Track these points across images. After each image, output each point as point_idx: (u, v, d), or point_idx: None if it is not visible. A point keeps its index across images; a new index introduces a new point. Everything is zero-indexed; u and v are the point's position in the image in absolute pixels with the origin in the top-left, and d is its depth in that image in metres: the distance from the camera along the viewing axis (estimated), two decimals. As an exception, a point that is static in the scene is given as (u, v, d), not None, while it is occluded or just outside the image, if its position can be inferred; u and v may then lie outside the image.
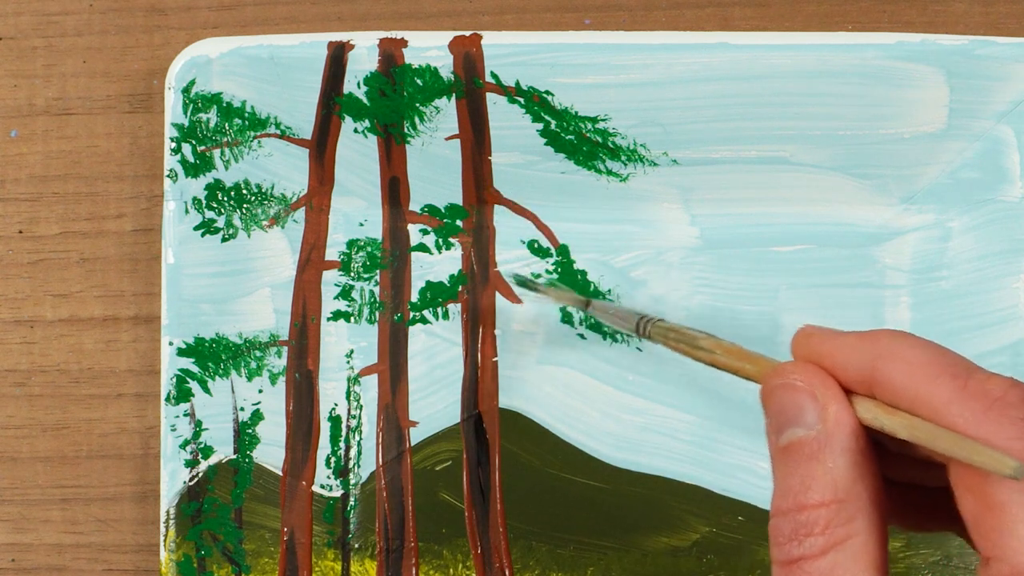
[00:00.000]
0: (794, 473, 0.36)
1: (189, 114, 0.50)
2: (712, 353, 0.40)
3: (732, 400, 0.52)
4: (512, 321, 0.52)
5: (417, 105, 0.51)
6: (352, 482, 0.52)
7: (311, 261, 0.52)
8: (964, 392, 0.34)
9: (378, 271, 0.52)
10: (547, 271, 0.52)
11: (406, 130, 0.51)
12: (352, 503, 0.52)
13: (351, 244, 0.52)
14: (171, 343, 0.51)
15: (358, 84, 0.51)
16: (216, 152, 0.51)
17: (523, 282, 0.51)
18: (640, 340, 0.49)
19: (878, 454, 0.37)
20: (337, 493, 0.52)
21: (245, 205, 0.51)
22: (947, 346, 0.51)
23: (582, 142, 0.51)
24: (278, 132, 0.51)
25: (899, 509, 0.39)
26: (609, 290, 0.52)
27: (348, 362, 0.52)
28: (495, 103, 0.51)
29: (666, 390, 0.52)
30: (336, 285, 0.52)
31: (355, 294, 0.52)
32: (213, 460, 0.51)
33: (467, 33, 0.50)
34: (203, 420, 0.51)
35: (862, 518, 0.35)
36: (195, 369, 0.51)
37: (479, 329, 0.52)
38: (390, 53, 0.50)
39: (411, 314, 0.52)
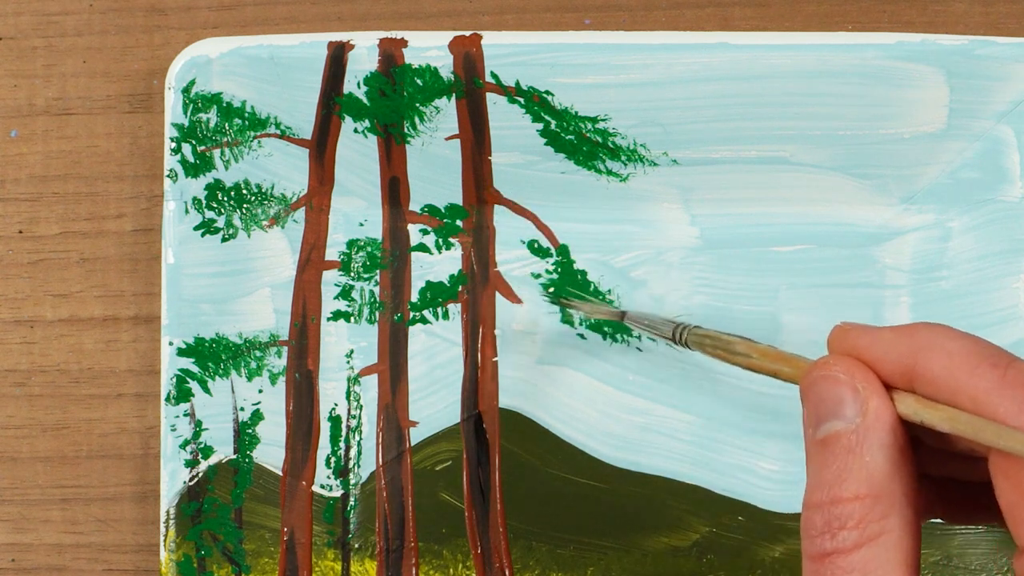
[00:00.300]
0: (830, 466, 0.35)
1: (189, 114, 0.50)
2: (748, 357, 0.40)
3: (732, 400, 0.52)
4: (512, 321, 0.52)
5: (417, 105, 0.51)
6: (352, 482, 0.52)
7: (311, 261, 0.52)
8: (1004, 381, 0.34)
9: (378, 271, 0.52)
10: (547, 271, 0.52)
11: (406, 130, 0.51)
12: (352, 503, 0.52)
13: (351, 244, 0.52)
14: (171, 343, 0.51)
15: (358, 84, 0.51)
16: (216, 152, 0.51)
17: (556, 300, 0.51)
18: (675, 346, 0.49)
19: (915, 450, 0.37)
20: (337, 493, 0.52)
21: (245, 205, 0.51)
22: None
23: (582, 142, 0.51)
24: (278, 132, 0.51)
25: (936, 503, 0.39)
26: (609, 290, 0.52)
27: (348, 362, 0.52)
28: (495, 103, 0.51)
29: (666, 390, 0.52)
30: (336, 285, 0.52)
31: (355, 294, 0.52)
32: (213, 460, 0.51)
33: (467, 33, 0.50)
34: (203, 420, 0.51)
35: (897, 514, 0.35)
36: (195, 369, 0.51)
37: (479, 329, 0.52)
38: (390, 53, 0.50)
39: (411, 314, 0.52)
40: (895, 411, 0.36)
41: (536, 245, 0.52)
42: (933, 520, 0.51)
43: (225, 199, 0.51)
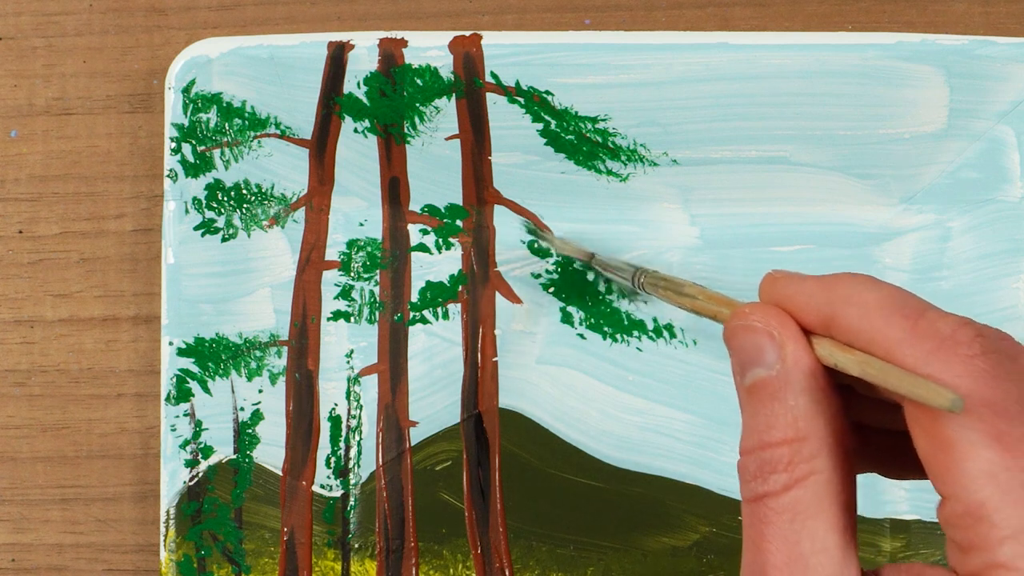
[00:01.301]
0: (758, 413, 0.36)
1: (189, 114, 0.50)
2: (695, 299, 0.41)
3: (732, 400, 0.52)
4: (512, 321, 0.53)
5: (417, 105, 0.51)
6: (352, 482, 0.52)
7: (311, 261, 0.52)
8: (915, 331, 0.34)
9: (378, 271, 0.52)
10: (547, 271, 0.52)
11: (406, 130, 0.51)
12: (352, 503, 0.52)
13: (351, 244, 0.52)
14: (171, 343, 0.51)
15: (358, 84, 0.51)
16: (216, 152, 0.51)
17: (532, 231, 0.51)
18: (638, 297, 0.50)
19: (851, 400, 0.38)
20: (337, 493, 0.52)
21: (245, 205, 0.51)
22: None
23: (582, 142, 0.51)
24: (278, 132, 0.51)
25: (876, 455, 0.40)
26: (609, 286, 0.52)
27: (348, 362, 0.52)
28: (495, 103, 0.51)
29: (666, 390, 0.52)
30: (336, 285, 0.52)
31: (355, 294, 0.52)
32: (213, 460, 0.51)
33: (467, 33, 0.50)
34: (203, 420, 0.51)
35: (825, 455, 0.36)
36: (195, 369, 0.51)
37: (479, 329, 0.52)
38: (390, 53, 0.50)
39: (411, 314, 0.52)
40: (814, 355, 0.36)
41: (536, 245, 0.52)
42: (928, 520, 0.51)
43: (225, 199, 0.51)
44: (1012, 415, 0.33)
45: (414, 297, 0.52)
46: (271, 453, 0.51)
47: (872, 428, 0.39)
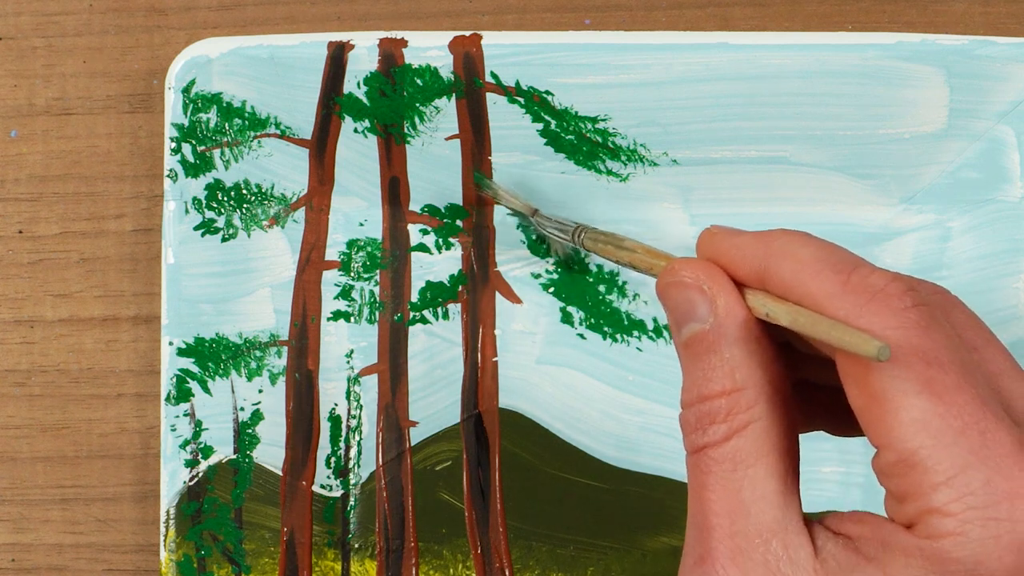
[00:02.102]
0: (696, 366, 0.37)
1: (189, 114, 0.50)
2: (633, 252, 0.42)
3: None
4: (512, 321, 0.53)
5: (417, 105, 0.51)
6: (352, 482, 0.52)
7: (311, 261, 0.52)
8: (847, 286, 0.35)
9: (378, 271, 0.52)
10: (547, 271, 0.52)
11: (406, 130, 0.51)
12: (352, 503, 0.52)
13: (351, 244, 0.52)
14: (171, 343, 0.51)
15: (358, 84, 0.51)
16: (216, 152, 0.51)
17: (479, 183, 0.51)
18: (582, 254, 0.51)
19: (794, 357, 0.38)
20: (337, 493, 0.52)
21: (245, 205, 0.51)
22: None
23: (582, 142, 0.51)
24: (278, 132, 0.51)
25: (820, 412, 0.40)
26: (614, 275, 0.52)
27: (348, 362, 0.52)
28: (495, 103, 0.51)
29: (666, 390, 0.52)
30: (336, 285, 0.52)
31: (355, 294, 0.52)
32: (213, 460, 0.51)
33: (467, 33, 0.50)
34: (203, 420, 0.51)
35: (763, 404, 0.36)
36: (195, 369, 0.51)
37: (479, 329, 0.52)
38: (390, 53, 0.50)
39: (411, 314, 0.52)
40: (746, 307, 0.37)
41: (536, 245, 0.52)
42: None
43: (225, 199, 0.51)
44: (943, 362, 0.34)
45: (414, 297, 0.52)
46: (271, 453, 0.51)
47: (815, 385, 0.40)
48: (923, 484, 0.33)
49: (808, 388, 0.40)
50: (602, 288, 0.52)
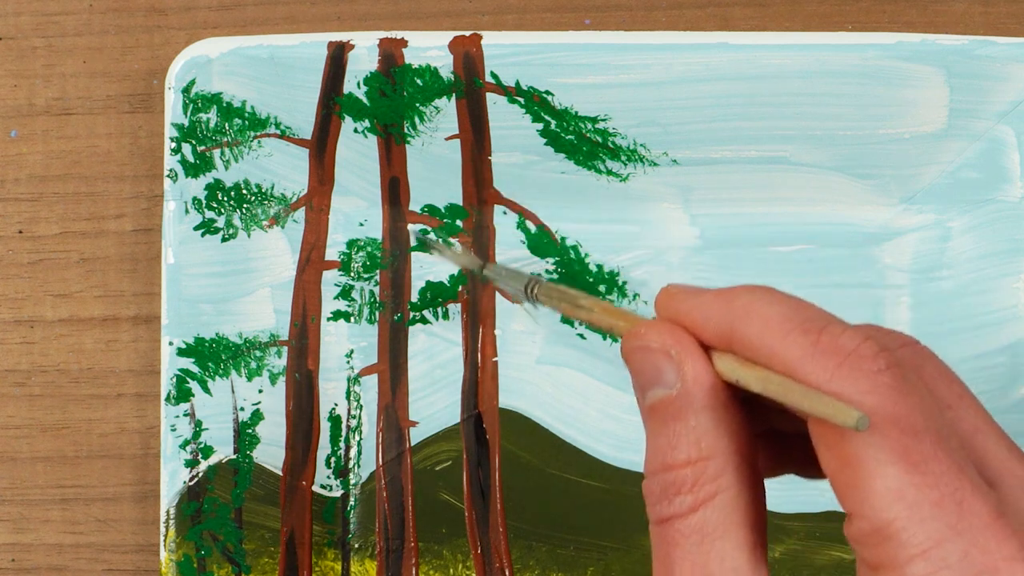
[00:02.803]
0: (660, 433, 0.35)
1: (189, 114, 0.50)
2: (590, 311, 0.40)
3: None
4: (512, 321, 0.53)
5: (417, 105, 0.51)
6: (352, 482, 0.52)
7: (311, 261, 0.52)
8: (816, 347, 0.33)
9: (378, 271, 0.52)
10: (547, 271, 0.52)
11: (406, 130, 0.51)
12: (352, 503, 0.52)
13: (351, 244, 0.52)
14: (171, 343, 0.51)
15: (358, 84, 0.51)
16: (216, 152, 0.51)
17: (422, 241, 0.51)
18: (533, 305, 0.49)
19: (761, 407, 0.37)
20: (337, 493, 0.52)
21: (245, 205, 0.51)
22: (946, 346, 0.51)
23: (582, 142, 0.51)
24: (278, 132, 0.51)
25: (791, 457, 0.39)
26: (616, 273, 0.52)
27: (348, 362, 0.52)
28: (495, 103, 0.51)
29: (666, 390, 0.52)
30: (336, 285, 0.52)
31: (355, 294, 0.52)
32: (213, 460, 0.51)
33: (467, 33, 0.50)
34: (203, 420, 0.51)
35: (730, 473, 0.35)
36: (195, 369, 0.51)
37: (479, 329, 0.52)
38: (390, 53, 0.50)
39: (411, 314, 0.52)
40: (714, 372, 0.35)
41: (536, 245, 0.52)
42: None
43: (225, 199, 0.51)
44: (918, 430, 0.33)
45: (414, 297, 0.52)
46: (271, 453, 0.51)
47: (783, 433, 0.38)
48: (898, 556, 0.32)
49: (776, 435, 0.39)
50: (602, 288, 0.52)
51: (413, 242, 0.52)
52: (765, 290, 0.35)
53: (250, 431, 0.51)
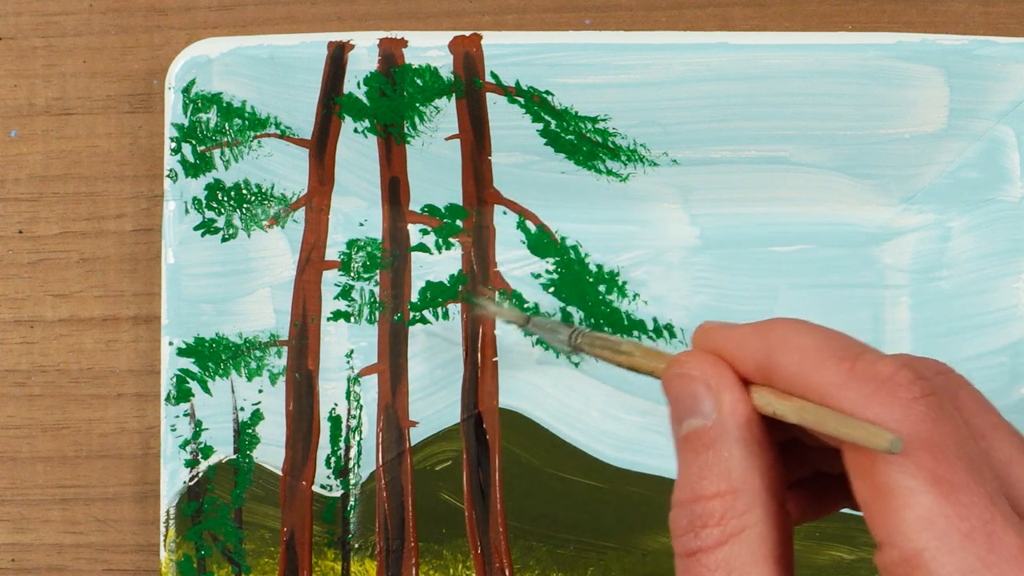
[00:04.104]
0: (692, 463, 0.35)
1: (189, 114, 0.50)
2: (631, 356, 0.40)
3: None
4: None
5: (417, 105, 0.51)
6: (352, 482, 0.52)
7: (311, 261, 0.52)
8: (852, 375, 0.34)
9: (378, 271, 0.52)
10: (547, 271, 0.52)
11: (406, 130, 0.51)
12: (352, 503, 0.52)
13: (351, 244, 0.52)
14: (171, 343, 0.51)
15: (358, 84, 0.51)
16: (216, 152, 0.51)
17: (468, 299, 0.51)
18: (576, 355, 0.50)
19: (804, 450, 0.37)
20: (337, 493, 0.52)
21: (245, 205, 0.51)
22: (946, 346, 0.51)
23: (582, 142, 0.51)
24: (278, 132, 0.51)
25: (841, 498, 0.39)
26: (616, 274, 0.52)
27: (348, 362, 0.52)
28: (495, 103, 0.51)
29: (666, 390, 0.52)
30: (336, 285, 0.52)
31: (355, 294, 0.52)
32: (213, 460, 0.51)
33: (467, 33, 0.50)
34: (203, 420, 0.51)
35: (759, 509, 0.35)
36: (195, 369, 0.51)
37: (479, 329, 0.52)
38: (390, 53, 0.50)
39: (411, 314, 0.52)
40: (751, 405, 0.36)
41: (536, 245, 0.52)
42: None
43: (225, 199, 0.51)
44: (951, 459, 0.33)
45: (414, 297, 0.52)
46: (271, 453, 0.51)
47: (829, 475, 0.38)
48: None
49: (823, 479, 0.39)
50: (602, 288, 0.52)
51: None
52: (800, 322, 0.36)
53: (250, 431, 0.51)
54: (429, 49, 0.50)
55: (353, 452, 0.52)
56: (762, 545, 0.35)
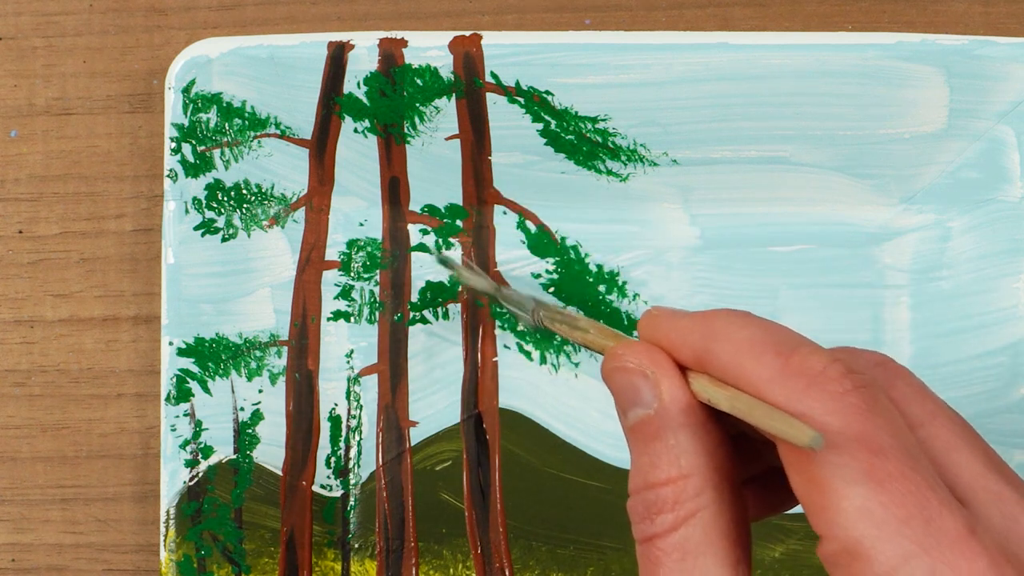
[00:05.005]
0: (642, 452, 0.36)
1: (189, 114, 0.50)
2: (586, 333, 0.41)
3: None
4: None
5: (417, 105, 0.51)
6: (352, 482, 0.52)
7: (311, 261, 0.52)
8: (786, 369, 0.34)
9: (378, 271, 0.52)
10: (547, 271, 0.52)
11: (406, 130, 0.51)
12: (352, 503, 0.52)
13: (351, 244, 0.52)
14: (171, 343, 0.51)
15: (358, 84, 0.51)
16: (216, 152, 0.51)
17: (443, 260, 0.51)
18: (538, 328, 0.50)
19: (750, 445, 0.38)
20: (337, 493, 0.52)
21: (245, 205, 0.51)
22: (946, 346, 0.51)
23: (582, 142, 0.51)
24: (278, 132, 0.51)
25: (785, 495, 0.39)
26: (616, 273, 0.52)
27: (348, 362, 0.52)
28: (495, 103, 0.51)
29: (666, 390, 0.52)
30: (336, 285, 0.52)
31: (355, 294, 0.52)
32: (213, 460, 0.51)
33: (467, 33, 0.50)
34: (203, 420, 0.51)
35: (710, 491, 0.35)
36: (195, 369, 0.51)
37: (479, 329, 0.52)
38: (390, 53, 0.50)
39: (411, 314, 0.52)
40: (690, 391, 0.36)
41: (536, 245, 0.52)
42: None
43: (225, 199, 0.51)
44: (884, 449, 0.33)
45: (414, 297, 0.52)
46: (271, 453, 0.51)
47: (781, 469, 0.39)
48: (867, 575, 0.32)
49: (778, 473, 0.39)
50: (602, 288, 0.52)
51: (434, 260, 0.52)
52: (741, 314, 0.36)
53: (250, 431, 0.51)
54: (429, 49, 0.50)
55: (353, 452, 0.52)
56: (716, 526, 0.35)
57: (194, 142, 0.51)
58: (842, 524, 0.33)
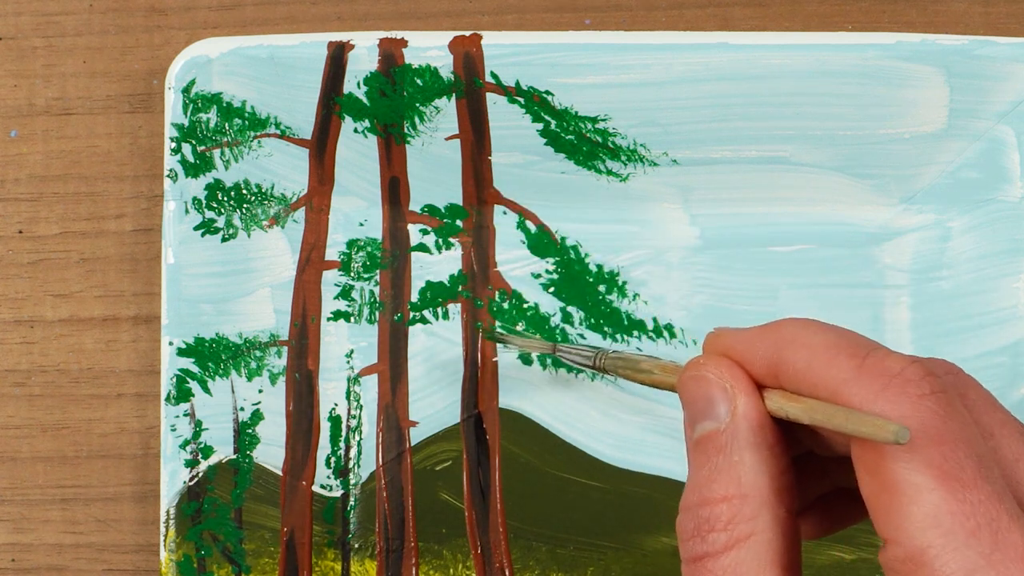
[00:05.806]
0: (703, 466, 0.35)
1: (189, 114, 0.50)
2: (651, 373, 0.41)
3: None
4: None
5: (417, 105, 0.51)
6: (352, 482, 0.52)
7: (311, 261, 0.52)
8: (861, 371, 0.34)
9: (378, 271, 0.52)
10: (547, 271, 0.52)
11: (406, 130, 0.51)
12: (352, 503, 0.52)
13: (351, 244, 0.52)
14: (171, 343, 0.51)
15: (358, 84, 0.51)
16: (216, 152, 0.51)
17: (492, 336, 0.51)
18: (603, 376, 0.50)
19: (815, 464, 0.37)
20: (337, 493, 0.52)
21: (245, 205, 0.51)
22: (946, 346, 0.51)
23: (582, 142, 0.51)
24: (278, 132, 0.51)
25: (844, 513, 0.39)
26: (617, 273, 0.52)
27: (348, 362, 0.52)
28: (495, 103, 0.51)
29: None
30: (336, 285, 0.52)
31: (355, 294, 0.52)
32: (213, 460, 0.51)
33: (467, 33, 0.50)
34: (203, 420, 0.51)
35: (767, 514, 0.35)
36: (195, 369, 0.51)
37: (479, 329, 0.52)
38: (390, 53, 0.50)
39: (411, 314, 0.52)
40: (764, 408, 0.36)
41: (536, 245, 0.52)
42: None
43: (225, 199, 0.51)
44: (959, 457, 0.32)
45: (414, 297, 0.52)
46: (271, 453, 0.51)
47: (848, 490, 0.38)
48: None
49: (838, 493, 0.39)
50: (602, 288, 0.52)
51: (482, 336, 0.52)
52: (809, 321, 0.36)
53: (250, 431, 0.51)
54: (429, 49, 0.50)
55: (353, 452, 0.52)
56: (769, 551, 0.34)
57: (194, 142, 0.51)
58: (909, 531, 0.32)
